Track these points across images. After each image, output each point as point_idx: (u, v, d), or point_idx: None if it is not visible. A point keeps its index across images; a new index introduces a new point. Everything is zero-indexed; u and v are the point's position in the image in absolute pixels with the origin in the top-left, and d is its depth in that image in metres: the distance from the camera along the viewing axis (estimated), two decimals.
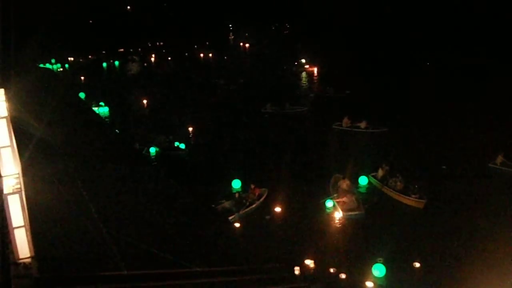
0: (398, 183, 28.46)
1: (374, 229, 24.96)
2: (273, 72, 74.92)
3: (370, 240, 23.87)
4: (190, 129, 43.71)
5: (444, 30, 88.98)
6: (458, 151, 35.29)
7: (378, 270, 20.85)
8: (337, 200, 27.41)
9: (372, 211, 27.11)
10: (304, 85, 68.81)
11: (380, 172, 30.45)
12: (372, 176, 30.84)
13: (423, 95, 52.13)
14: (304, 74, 75.29)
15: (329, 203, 27.61)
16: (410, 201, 27.35)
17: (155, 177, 23.95)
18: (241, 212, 26.52)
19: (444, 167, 33.05)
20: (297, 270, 18.35)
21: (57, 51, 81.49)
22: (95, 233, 10.92)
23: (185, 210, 18.51)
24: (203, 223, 18.07)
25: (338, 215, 26.59)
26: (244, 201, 27.50)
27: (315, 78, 72.82)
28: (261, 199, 28.09)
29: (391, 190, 28.60)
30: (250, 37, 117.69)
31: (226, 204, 27.25)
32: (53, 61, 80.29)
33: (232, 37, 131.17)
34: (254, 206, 27.44)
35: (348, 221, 26.17)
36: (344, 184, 28.86)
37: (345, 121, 42.65)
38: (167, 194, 20.50)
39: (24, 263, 8.56)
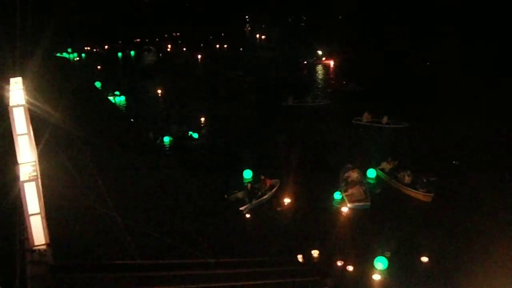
0: (406, 177, 28.63)
1: (381, 222, 25.12)
2: (289, 64, 74.64)
3: (377, 233, 24.02)
4: (205, 120, 43.93)
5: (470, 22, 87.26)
6: (479, 147, 35.15)
7: (381, 262, 21.06)
8: (346, 193, 27.67)
9: (379, 204, 27.29)
10: (321, 78, 68.49)
11: (386, 166, 30.76)
12: (380, 169, 30.96)
13: (447, 90, 51.70)
14: (320, 66, 74.94)
15: (337, 195, 27.91)
16: (417, 194, 27.55)
17: (169, 166, 23.99)
18: (253, 203, 26.66)
19: (456, 162, 32.94)
20: (301, 258, 18.49)
21: (73, 41, 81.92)
22: (109, 222, 10.97)
23: (198, 200, 18.54)
24: (216, 214, 18.08)
25: (345, 207, 26.82)
26: (256, 191, 27.64)
27: (331, 71, 72.49)
28: (273, 190, 28.25)
29: (399, 183, 28.80)
30: (266, 29, 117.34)
31: (239, 194, 27.45)
32: (69, 50, 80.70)
33: (249, 28, 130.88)
34: (266, 197, 27.60)
35: (355, 213, 26.35)
36: (354, 175, 29.37)
37: (366, 116, 42.57)
38: (180, 184, 20.54)
39: (39, 250, 8.61)
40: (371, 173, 31.09)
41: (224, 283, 10.36)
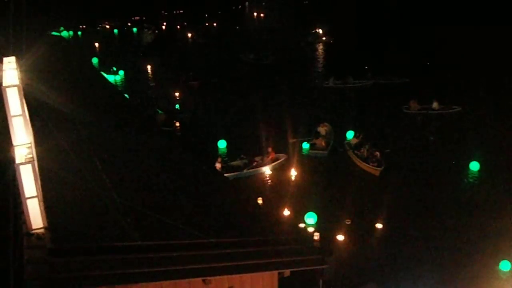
0: (365, 152, 30.30)
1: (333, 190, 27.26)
2: (294, 44, 73.71)
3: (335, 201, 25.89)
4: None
5: None
6: None
7: (311, 217, 23.24)
8: (310, 142, 32.09)
9: (335, 174, 29.87)
10: (322, 58, 67.57)
11: (354, 140, 32.57)
12: (346, 143, 32.92)
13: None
14: (321, 45, 74.14)
15: (305, 145, 32.30)
16: (368, 168, 29.26)
17: (165, 144, 23.86)
18: (244, 172, 27.65)
19: (431, 138, 35.02)
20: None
21: (66, 19, 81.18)
22: (108, 203, 10.84)
23: (194, 175, 18.43)
24: (213, 188, 17.88)
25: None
26: (253, 162, 28.82)
27: (333, 50, 71.25)
28: (275, 163, 29.18)
29: (355, 156, 30.75)
30: (266, 7, 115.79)
31: (235, 163, 28.53)
32: (61, 28, 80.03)
33: (247, 5, 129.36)
34: (262, 168, 28.64)
35: (313, 163, 30.23)
36: (323, 129, 33.22)
37: (413, 104, 40.31)
38: (177, 160, 20.46)
39: (37, 233, 8.48)
40: (350, 135, 33.79)
41: (226, 263, 10.28)
